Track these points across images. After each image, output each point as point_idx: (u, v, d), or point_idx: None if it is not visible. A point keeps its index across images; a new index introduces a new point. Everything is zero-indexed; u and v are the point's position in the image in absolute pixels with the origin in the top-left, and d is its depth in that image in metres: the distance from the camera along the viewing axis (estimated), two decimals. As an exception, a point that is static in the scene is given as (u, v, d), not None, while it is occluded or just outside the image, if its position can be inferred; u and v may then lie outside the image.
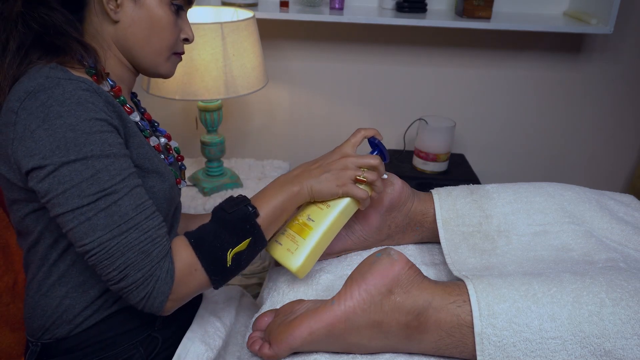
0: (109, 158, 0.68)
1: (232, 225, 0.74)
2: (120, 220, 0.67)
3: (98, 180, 0.66)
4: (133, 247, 0.67)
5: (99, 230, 0.66)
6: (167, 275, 0.69)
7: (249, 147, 2.04)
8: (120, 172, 0.68)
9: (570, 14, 1.80)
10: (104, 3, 0.75)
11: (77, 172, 0.65)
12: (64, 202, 0.66)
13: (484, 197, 0.89)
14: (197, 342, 0.85)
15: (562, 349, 0.63)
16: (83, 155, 0.66)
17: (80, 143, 0.65)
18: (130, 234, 0.67)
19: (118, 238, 0.66)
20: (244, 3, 1.64)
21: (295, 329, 0.68)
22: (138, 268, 0.67)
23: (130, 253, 0.67)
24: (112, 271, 0.67)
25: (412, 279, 0.68)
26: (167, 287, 0.69)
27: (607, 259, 0.79)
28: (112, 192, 0.67)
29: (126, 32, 0.78)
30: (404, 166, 1.83)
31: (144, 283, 0.68)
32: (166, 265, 0.69)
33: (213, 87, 1.39)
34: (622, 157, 2.06)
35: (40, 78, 0.67)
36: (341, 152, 0.82)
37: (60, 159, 0.65)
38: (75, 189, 0.65)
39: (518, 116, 1.97)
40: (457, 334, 0.66)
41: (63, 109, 0.65)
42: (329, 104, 1.96)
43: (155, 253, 0.69)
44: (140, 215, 0.69)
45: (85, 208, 0.66)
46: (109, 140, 0.68)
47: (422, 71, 1.89)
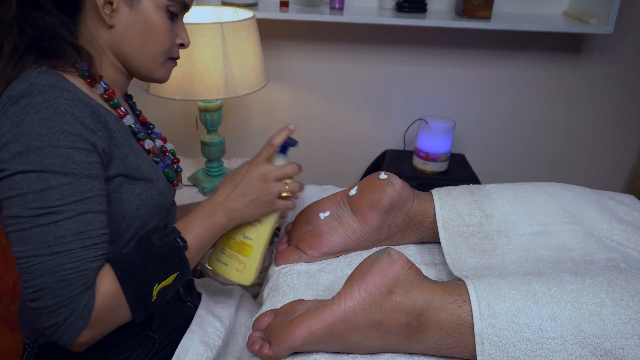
0: (67, 177, 0.65)
1: (161, 259, 0.72)
2: (54, 241, 0.63)
3: (46, 197, 0.64)
4: (54, 272, 0.63)
5: (28, 244, 0.63)
6: (84, 310, 0.64)
7: (249, 147, 2.04)
8: (74, 194, 0.65)
9: (570, 14, 1.80)
10: (99, 7, 0.74)
11: (28, 182, 0.63)
12: (8, 207, 0.64)
13: (484, 197, 0.89)
14: (196, 342, 0.85)
15: (562, 349, 0.63)
16: (40, 167, 0.64)
17: (42, 154, 0.64)
18: (57, 258, 0.63)
19: (43, 258, 0.63)
20: (244, 3, 1.64)
21: (295, 329, 0.68)
22: (53, 295, 0.63)
23: (49, 277, 0.63)
24: (28, 288, 0.64)
25: (412, 279, 0.68)
26: (81, 322, 0.65)
27: (607, 259, 0.79)
28: (56, 212, 0.64)
29: (121, 37, 0.77)
30: (404, 166, 1.83)
31: (56, 312, 0.63)
32: (85, 299, 0.65)
33: (213, 87, 1.39)
34: (622, 157, 2.06)
35: (24, 84, 0.66)
36: (259, 173, 0.80)
37: (17, 166, 0.63)
38: (21, 198, 0.63)
39: (518, 116, 1.97)
40: (457, 334, 0.66)
41: (38, 117, 0.64)
42: (329, 104, 1.96)
43: (77, 285, 0.64)
44: (77, 242, 0.65)
45: (24, 219, 0.63)
46: (75, 158, 0.66)
47: (422, 71, 1.89)
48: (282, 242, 0.95)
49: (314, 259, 0.89)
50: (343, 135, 2.01)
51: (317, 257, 0.89)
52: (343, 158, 2.05)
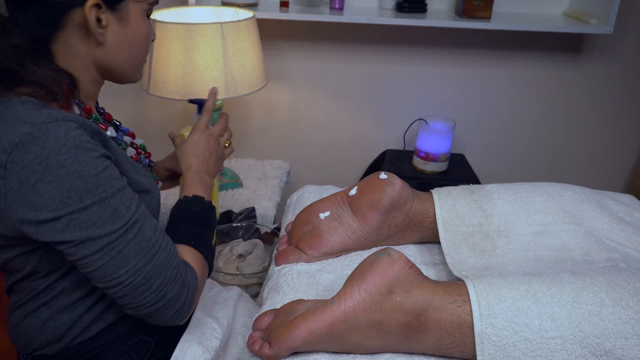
0: (120, 192, 0.68)
1: (207, 221, 0.85)
2: (148, 245, 0.70)
3: (119, 216, 0.67)
4: (166, 265, 0.71)
5: (132, 260, 0.68)
6: (193, 280, 0.75)
7: (249, 147, 2.04)
8: (132, 202, 0.70)
9: (570, 14, 1.80)
10: (91, 27, 0.71)
11: (97, 214, 0.65)
12: (89, 245, 0.66)
13: (484, 197, 0.89)
14: (194, 343, 0.84)
15: (562, 348, 0.63)
16: (98, 198, 0.65)
17: (91, 188, 0.65)
18: (159, 255, 0.71)
19: (152, 262, 0.70)
20: (244, 3, 1.64)
21: (295, 329, 0.68)
22: (174, 282, 0.72)
23: (165, 271, 0.71)
24: (150, 294, 0.70)
25: (412, 279, 0.68)
26: (195, 292, 0.75)
27: (607, 258, 0.79)
28: (135, 222, 0.69)
29: (111, 51, 0.75)
30: (404, 166, 1.83)
31: (180, 295, 0.73)
32: (190, 271, 0.75)
33: (213, 87, 1.39)
34: (622, 157, 2.06)
35: (24, 126, 0.62)
36: (210, 135, 0.98)
37: (75, 207, 0.64)
38: (100, 229, 0.66)
39: (518, 116, 1.97)
40: (457, 334, 0.66)
41: (63, 158, 0.62)
42: (329, 103, 1.96)
43: (180, 265, 0.74)
44: (159, 235, 0.73)
45: (114, 243, 0.67)
46: (113, 175, 0.68)
47: (422, 71, 1.89)
48: (282, 242, 0.95)
49: (314, 259, 0.89)
50: (343, 135, 2.01)
51: (317, 257, 0.89)
52: (343, 158, 2.05)
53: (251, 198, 1.63)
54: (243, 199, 1.62)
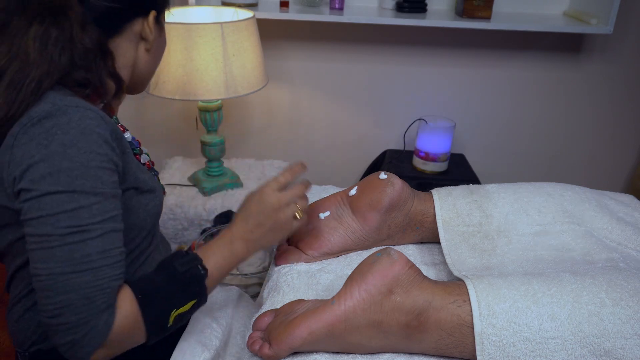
0: (96, 197, 0.66)
1: (182, 286, 0.72)
2: (80, 259, 0.64)
3: (76, 216, 0.64)
4: (79, 289, 0.63)
5: (53, 262, 0.63)
6: (103, 328, 0.65)
7: (249, 147, 2.04)
8: (102, 213, 0.66)
9: (570, 14, 1.80)
10: (149, 35, 0.80)
11: (59, 202, 0.64)
12: (37, 225, 0.64)
13: (484, 197, 0.89)
14: (193, 342, 0.85)
15: (562, 348, 0.63)
16: (72, 188, 0.64)
17: (73, 175, 0.64)
18: (82, 275, 0.64)
19: (69, 275, 0.63)
20: (244, 3, 1.64)
21: (295, 329, 0.68)
22: (75, 312, 0.63)
23: (73, 294, 0.63)
24: (49, 305, 0.64)
25: (412, 279, 0.68)
26: (99, 339, 0.64)
27: (607, 259, 0.79)
28: (85, 231, 0.65)
29: (150, 59, 0.84)
30: (404, 166, 1.83)
31: (76, 328, 0.64)
32: (105, 317, 0.65)
33: (213, 87, 1.39)
34: (622, 157, 2.06)
35: (47, 105, 0.66)
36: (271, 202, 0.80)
37: (48, 187, 0.63)
38: (52, 217, 0.64)
39: (518, 116, 1.97)
40: (457, 334, 0.66)
41: (66, 138, 0.64)
42: (329, 104, 1.96)
43: (99, 302, 0.64)
44: (101, 260, 0.65)
45: (53, 238, 0.64)
46: (103, 178, 0.67)
47: (422, 71, 1.89)
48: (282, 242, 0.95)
49: (314, 259, 0.89)
50: (343, 135, 2.01)
51: (317, 257, 0.89)
52: (343, 158, 2.05)
53: (251, 198, 1.63)
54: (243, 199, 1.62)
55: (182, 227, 1.59)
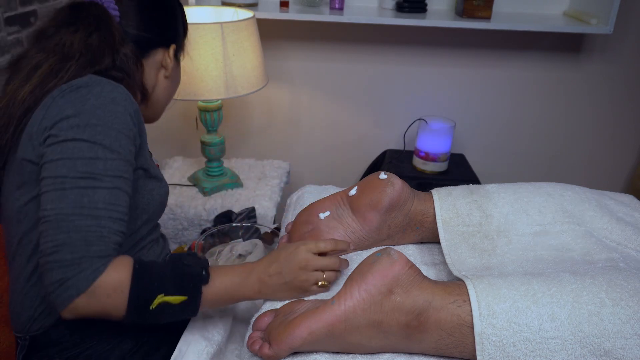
0: (113, 153, 0.73)
1: (179, 276, 0.74)
2: (87, 204, 0.69)
3: (92, 164, 0.71)
4: (80, 230, 0.68)
5: (63, 202, 0.69)
6: (91, 273, 0.67)
7: (249, 147, 2.04)
8: (114, 170, 0.72)
9: (570, 14, 1.80)
10: (168, 64, 0.93)
11: (80, 149, 0.71)
12: (55, 167, 0.70)
13: (484, 197, 0.89)
14: (197, 336, 0.86)
15: (562, 348, 0.63)
16: (94, 140, 0.72)
17: (97, 131, 0.72)
18: (86, 219, 0.68)
19: (74, 217, 0.68)
20: (244, 3, 1.64)
21: (295, 329, 0.68)
22: (72, 250, 0.67)
23: (74, 234, 0.67)
24: (50, 242, 0.67)
25: (412, 279, 0.68)
26: (84, 283, 0.67)
27: (606, 259, 0.79)
28: (97, 179, 0.71)
29: (166, 85, 0.96)
30: (404, 166, 1.83)
31: (68, 267, 0.66)
32: (97, 265, 0.67)
33: (213, 87, 1.39)
34: (622, 157, 2.06)
35: (84, 78, 0.77)
36: (300, 259, 0.80)
37: (73, 134, 0.71)
38: (70, 161, 0.70)
39: (518, 116, 1.97)
40: (457, 334, 0.66)
41: (98, 102, 0.74)
42: (329, 104, 1.96)
43: (95, 249, 0.68)
44: (106, 211, 0.70)
45: (67, 180, 0.70)
46: (121, 142, 0.74)
47: (422, 71, 1.89)
48: (282, 243, 0.95)
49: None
50: (343, 135, 2.01)
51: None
52: (343, 158, 2.05)
53: (251, 198, 1.63)
54: (243, 199, 1.62)
55: (182, 227, 1.59)
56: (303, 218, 0.93)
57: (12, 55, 1.40)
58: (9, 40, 1.38)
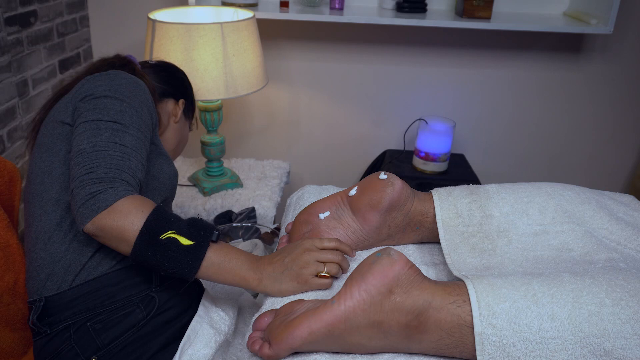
0: (138, 114, 0.88)
1: (193, 224, 0.80)
2: (120, 141, 0.82)
3: (122, 115, 0.86)
4: (113, 157, 0.79)
5: (99, 137, 0.81)
6: (118, 193, 0.76)
7: (249, 147, 2.04)
8: (138, 125, 0.87)
9: (570, 14, 1.80)
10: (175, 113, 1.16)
11: (112, 104, 0.86)
12: (91, 114, 0.84)
13: (484, 197, 0.89)
14: (205, 325, 0.90)
15: (562, 348, 0.63)
16: (122, 98, 0.88)
17: (126, 94, 0.89)
18: (118, 152, 0.80)
19: (109, 145, 0.80)
20: (244, 3, 1.64)
21: (295, 329, 0.68)
22: (106, 170, 0.77)
23: (109, 160, 0.79)
24: (87, 165, 0.78)
25: (412, 279, 0.68)
26: (113, 198, 0.75)
27: (607, 259, 0.79)
28: (126, 127, 0.84)
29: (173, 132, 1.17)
30: (404, 166, 1.83)
31: (100, 183, 0.76)
32: (124, 188, 0.77)
33: (213, 87, 1.40)
34: (622, 157, 2.06)
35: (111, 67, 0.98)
36: (304, 247, 0.82)
37: (106, 93, 0.88)
38: (104, 110, 0.85)
39: (518, 116, 1.97)
40: (457, 334, 0.66)
41: (124, 81, 0.91)
42: (329, 104, 1.96)
43: (126, 175, 0.79)
44: (133, 151, 0.82)
45: (102, 122, 0.83)
46: (143, 110, 0.90)
47: (422, 71, 1.89)
48: (282, 242, 0.95)
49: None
50: (343, 135, 2.01)
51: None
52: (343, 158, 2.05)
53: (251, 198, 1.63)
54: (243, 199, 1.62)
55: (182, 227, 1.59)
56: (303, 218, 0.93)
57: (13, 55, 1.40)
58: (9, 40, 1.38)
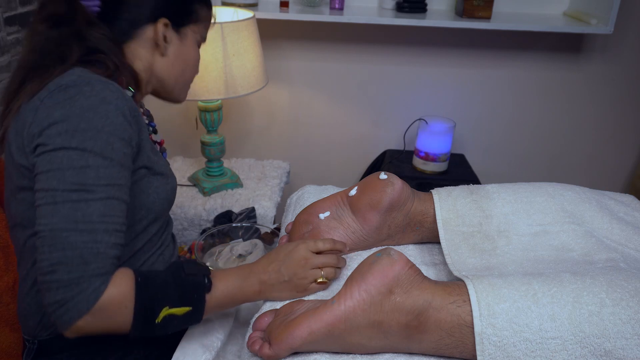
0: (105, 160, 0.69)
1: (182, 286, 0.73)
2: (81, 218, 0.66)
3: (83, 174, 0.67)
4: (76, 248, 0.65)
5: (56, 217, 0.66)
6: (92, 293, 0.65)
7: (249, 147, 2.04)
8: (107, 178, 0.69)
9: (570, 14, 1.80)
10: (159, 40, 0.86)
11: (70, 158, 0.67)
12: (45, 179, 0.67)
13: (484, 197, 0.89)
14: (195, 344, 0.85)
15: (562, 349, 0.63)
16: (83, 147, 0.68)
17: (87, 136, 0.68)
18: (81, 235, 0.65)
19: (68, 232, 0.65)
20: (244, 3, 1.64)
21: (295, 329, 0.68)
22: (69, 270, 0.64)
23: (69, 252, 0.65)
24: (45, 261, 0.65)
25: (412, 279, 0.68)
26: (85, 304, 0.64)
27: (607, 259, 0.79)
28: (89, 191, 0.67)
29: (168, 64, 0.90)
30: (404, 166, 1.83)
31: (66, 288, 0.64)
32: (97, 284, 0.65)
33: (213, 87, 1.39)
34: (622, 157, 2.06)
35: (73, 75, 0.73)
36: (299, 257, 0.80)
37: (62, 142, 0.68)
38: (59, 172, 0.67)
39: (518, 116, 1.97)
40: (457, 334, 0.66)
41: (86, 103, 0.70)
42: (329, 104, 1.96)
43: (94, 267, 0.65)
44: (101, 225, 0.67)
45: (58, 193, 0.66)
46: (114, 145, 0.71)
47: (422, 71, 1.89)
48: (282, 243, 0.95)
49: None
50: (343, 135, 2.01)
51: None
52: (343, 158, 2.05)
53: (251, 198, 1.63)
54: (243, 199, 1.62)
55: (182, 227, 1.59)
56: (303, 218, 0.93)
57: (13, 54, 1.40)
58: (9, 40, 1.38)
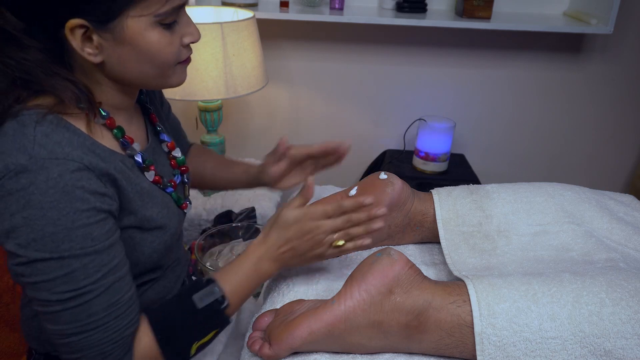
0: (88, 256, 0.63)
1: (202, 322, 0.72)
2: (88, 319, 0.64)
3: (72, 280, 0.62)
4: (92, 347, 0.65)
5: (61, 324, 0.63)
6: None
7: (249, 147, 2.04)
8: (99, 269, 0.64)
9: (570, 14, 1.80)
10: (76, 49, 0.65)
11: (50, 269, 0.61)
12: (35, 290, 0.63)
13: (484, 197, 0.89)
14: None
15: (562, 348, 0.63)
16: (59, 254, 0.61)
17: (58, 240, 0.61)
18: (94, 333, 0.64)
19: (79, 336, 0.64)
20: (244, 3, 1.64)
21: (295, 329, 0.68)
22: None
23: (87, 351, 0.65)
24: (65, 354, 0.66)
25: (412, 279, 0.68)
26: None
27: (607, 259, 0.79)
28: (85, 292, 0.63)
29: (116, 69, 0.69)
30: (404, 166, 1.83)
31: None
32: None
33: (213, 87, 1.39)
34: (622, 157, 2.06)
35: (23, 156, 0.60)
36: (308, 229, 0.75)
37: (35, 253, 0.61)
38: (46, 284, 0.62)
39: (518, 116, 1.97)
40: (457, 334, 0.66)
41: (45, 199, 0.60)
42: (329, 104, 1.96)
43: (116, 354, 0.66)
44: (109, 315, 0.65)
45: (53, 303, 0.62)
46: (93, 234, 0.63)
47: (422, 71, 1.89)
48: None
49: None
50: (343, 135, 2.01)
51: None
52: (343, 158, 2.05)
53: (251, 198, 1.63)
54: (243, 199, 1.62)
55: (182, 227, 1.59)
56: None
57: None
58: None
